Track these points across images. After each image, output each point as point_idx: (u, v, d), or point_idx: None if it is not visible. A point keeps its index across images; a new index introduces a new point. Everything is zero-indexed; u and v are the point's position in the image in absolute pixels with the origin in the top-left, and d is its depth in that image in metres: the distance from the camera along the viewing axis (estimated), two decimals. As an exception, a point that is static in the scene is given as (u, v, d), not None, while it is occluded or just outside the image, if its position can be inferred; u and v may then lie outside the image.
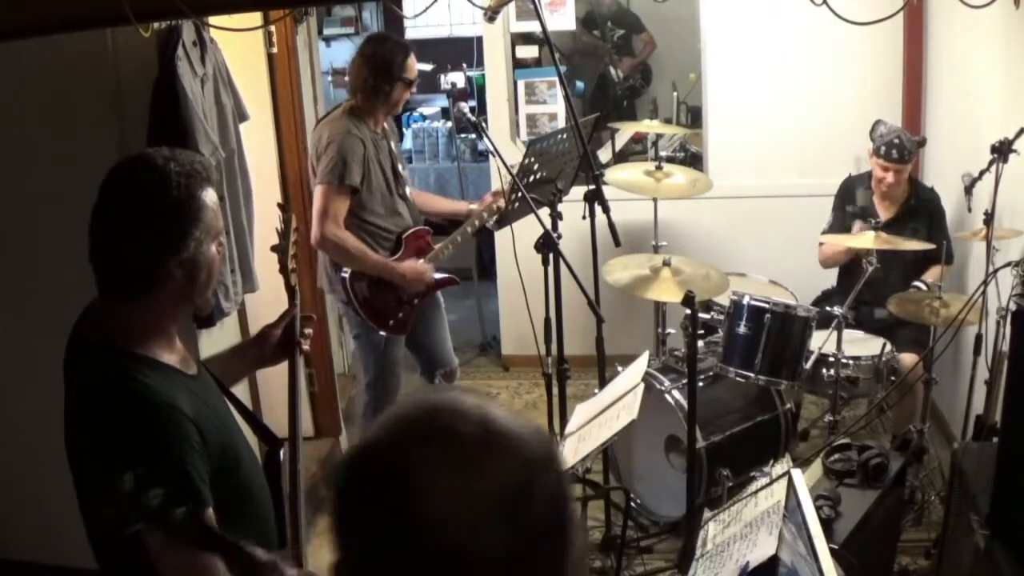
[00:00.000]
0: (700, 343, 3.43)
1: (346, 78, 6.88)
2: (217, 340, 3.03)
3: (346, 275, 3.29)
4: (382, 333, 3.37)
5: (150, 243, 1.55)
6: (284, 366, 2.05)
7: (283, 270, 2.07)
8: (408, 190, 3.50)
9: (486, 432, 0.76)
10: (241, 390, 3.09)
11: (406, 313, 3.42)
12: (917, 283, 3.60)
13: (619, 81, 5.65)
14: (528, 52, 5.00)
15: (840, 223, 3.82)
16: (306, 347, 2.02)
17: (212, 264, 1.63)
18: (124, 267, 1.58)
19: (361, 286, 3.31)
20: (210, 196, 1.60)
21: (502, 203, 3.50)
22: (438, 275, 3.51)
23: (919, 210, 3.72)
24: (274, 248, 2.09)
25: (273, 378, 2.79)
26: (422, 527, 0.72)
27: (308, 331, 2.03)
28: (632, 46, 5.64)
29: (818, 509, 2.29)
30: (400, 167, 3.45)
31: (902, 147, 3.58)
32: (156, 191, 1.55)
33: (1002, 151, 2.94)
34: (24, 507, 3.11)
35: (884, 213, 3.69)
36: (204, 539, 1.33)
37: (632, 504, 3.44)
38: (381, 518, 0.74)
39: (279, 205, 2.20)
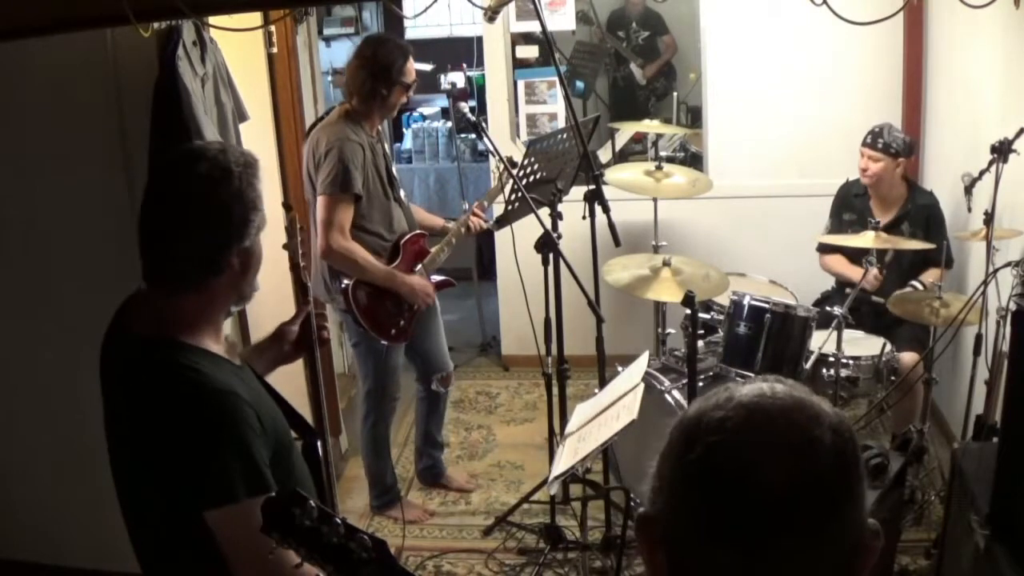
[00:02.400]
0: (700, 343, 3.43)
1: (343, 76, 6.92)
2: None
3: (347, 285, 3.24)
4: (383, 342, 3.35)
5: (217, 231, 1.56)
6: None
7: (295, 268, 2.10)
8: (402, 193, 3.47)
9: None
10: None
11: (407, 320, 3.39)
12: (914, 283, 3.61)
13: (645, 84, 5.65)
14: (528, 52, 5.01)
15: (837, 230, 3.82)
16: (326, 335, 2.05)
17: (261, 254, 1.65)
18: (186, 257, 1.57)
19: (361, 296, 3.26)
20: (260, 188, 1.63)
21: (475, 221, 3.52)
22: (436, 277, 3.49)
23: (916, 214, 3.72)
24: (285, 246, 2.11)
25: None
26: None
27: (325, 325, 2.06)
28: (657, 48, 5.65)
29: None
30: (393, 170, 3.40)
31: (879, 135, 3.61)
32: (221, 180, 1.56)
33: (1002, 151, 2.94)
34: (24, 507, 3.11)
35: (881, 216, 3.68)
36: None
37: (632, 504, 3.44)
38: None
39: (284, 204, 2.23)
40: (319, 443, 1.88)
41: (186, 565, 1.57)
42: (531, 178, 3.28)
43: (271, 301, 3.31)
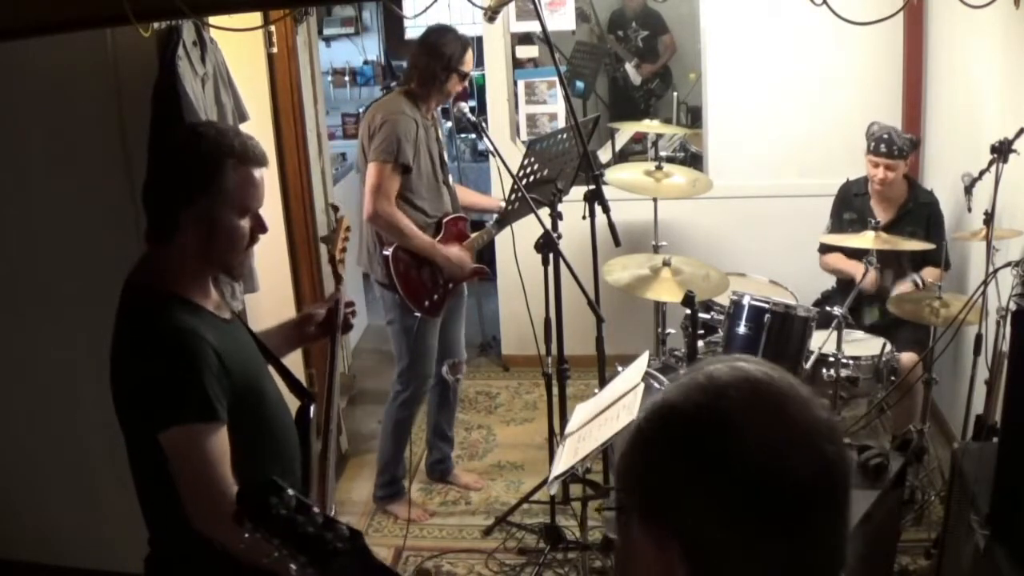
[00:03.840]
0: (700, 343, 3.43)
1: (345, 77, 6.92)
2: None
3: (388, 253, 3.35)
4: (416, 315, 3.40)
5: (167, 191, 1.73)
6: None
7: (331, 260, 2.32)
8: (451, 179, 3.57)
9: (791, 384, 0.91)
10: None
11: (440, 295, 3.47)
12: (915, 277, 3.61)
13: (639, 85, 5.64)
14: (528, 52, 5.01)
15: (838, 230, 3.83)
16: (352, 322, 2.23)
17: (233, 233, 1.75)
18: (148, 209, 1.76)
19: (401, 264, 3.37)
20: (242, 172, 1.73)
21: None
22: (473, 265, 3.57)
23: (917, 213, 3.72)
24: (323, 239, 2.38)
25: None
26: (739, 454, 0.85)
27: (351, 310, 2.23)
28: (656, 48, 5.65)
29: (818, 509, 2.28)
30: (445, 155, 3.54)
31: (891, 141, 3.60)
32: (184, 148, 1.74)
33: (1002, 151, 2.94)
34: (24, 507, 3.11)
35: (882, 216, 3.68)
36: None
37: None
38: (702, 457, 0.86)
39: (332, 205, 2.55)
40: (312, 407, 2.00)
41: (163, 490, 1.69)
42: (531, 178, 3.29)
43: (271, 301, 3.32)
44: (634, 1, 5.59)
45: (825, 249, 3.91)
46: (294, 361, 2.39)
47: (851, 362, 3.34)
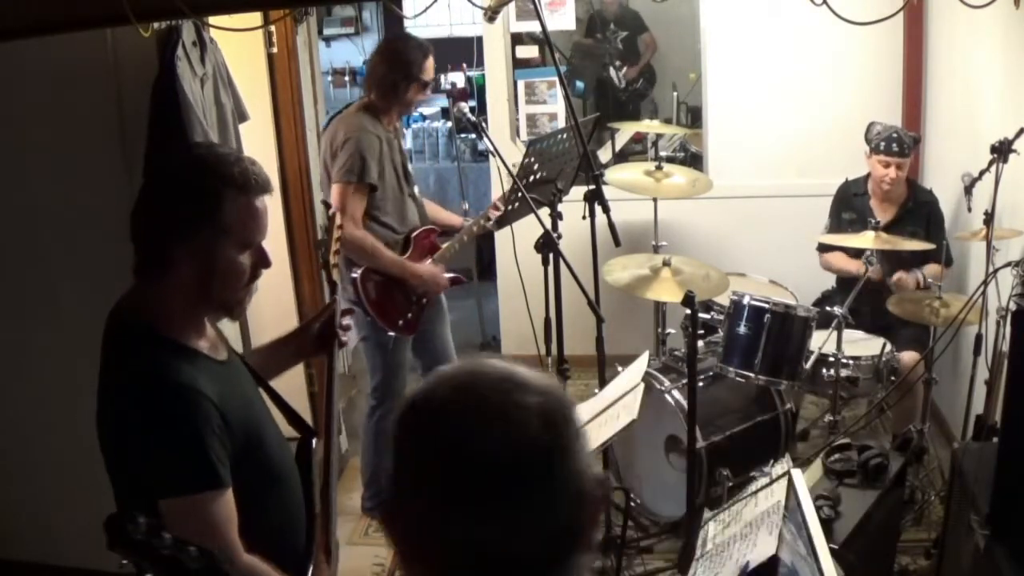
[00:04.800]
0: (700, 343, 3.43)
1: (345, 77, 6.93)
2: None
3: (356, 275, 3.29)
4: (390, 334, 3.37)
5: (159, 224, 1.58)
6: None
7: (325, 265, 2.16)
8: (416, 189, 3.52)
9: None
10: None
11: (414, 313, 3.43)
12: (919, 273, 3.60)
13: (624, 87, 5.63)
14: (528, 52, 5.01)
15: (836, 229, 3.83)
16: (345, 339, 2.07)
17: (231, 269, 1.60)
18: (139, 246, 1.61)
19: (370, 286, 3.31)
20: (243, 203, 1.58)
21: (492, 216, 3.50)
22: (446, 274, 3.52)
23: (917, 212, 3.73)
24: (318, 244, 2.14)
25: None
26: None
27: (347, 322, 2.09)
28: (636, 48, 5.64)
29: (818, 509, 2.29)
30: (408, 166, 3.48)
31: (901, 140, 3.60)
32: (179, 177, 1.60)
33: (1002, 151, 2.94)
34: (24, 507, 3.11)
35: (882, 216, 3.68)
36: None
37: (632, 504, 3.44)
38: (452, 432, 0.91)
39: (323, 203, 2.28)
40: (313, 441, 1.90)
41: None
42: (531, 178, 3.29)
43: (271, 302, 3.32)
44: (611, 3, 5.57)
45: (824, 249, 3.91)
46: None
47: (851, 362, 3.34)
